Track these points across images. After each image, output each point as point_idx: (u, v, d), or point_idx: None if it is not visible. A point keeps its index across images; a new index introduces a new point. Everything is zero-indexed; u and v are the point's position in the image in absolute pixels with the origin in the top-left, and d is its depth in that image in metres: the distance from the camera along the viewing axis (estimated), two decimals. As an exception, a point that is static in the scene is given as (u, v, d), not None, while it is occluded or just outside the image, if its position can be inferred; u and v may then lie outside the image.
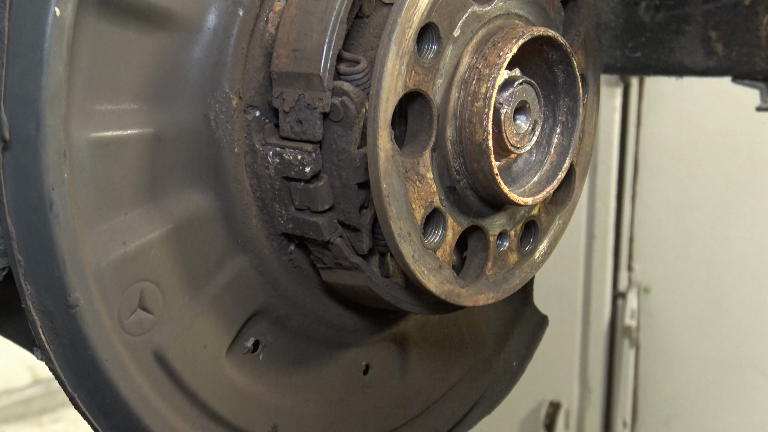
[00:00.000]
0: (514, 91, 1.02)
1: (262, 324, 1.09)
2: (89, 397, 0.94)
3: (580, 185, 1.18)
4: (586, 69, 1.14)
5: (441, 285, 1.03)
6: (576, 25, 1.13)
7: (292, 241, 1.06)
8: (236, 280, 1.03)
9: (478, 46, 1.01)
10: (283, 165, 0.99)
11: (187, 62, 0.97)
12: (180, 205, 0.98)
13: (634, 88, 3.57)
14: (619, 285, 3.72)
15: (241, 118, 0.99)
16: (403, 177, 0.97)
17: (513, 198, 1.03)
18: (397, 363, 1.27)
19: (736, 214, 3.42)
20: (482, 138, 0.99)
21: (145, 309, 0.96)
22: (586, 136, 1.16)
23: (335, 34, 0.96)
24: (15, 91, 0.85)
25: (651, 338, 3.68)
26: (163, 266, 0.97)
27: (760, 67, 1.63)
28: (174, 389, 1.00)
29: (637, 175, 3.64)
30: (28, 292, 0.89)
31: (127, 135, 0.94)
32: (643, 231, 3.66)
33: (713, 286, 3.50)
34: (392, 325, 1.24)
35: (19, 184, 0.86)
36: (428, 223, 1.02)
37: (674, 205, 3.55)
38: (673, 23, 1.67)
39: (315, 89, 0.96)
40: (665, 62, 1.70)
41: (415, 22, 0.94)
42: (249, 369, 1.09)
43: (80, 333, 0.90)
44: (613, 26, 1.71)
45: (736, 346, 3.48)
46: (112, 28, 0.91)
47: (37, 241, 0.87)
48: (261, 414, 1.10)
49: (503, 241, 1.11)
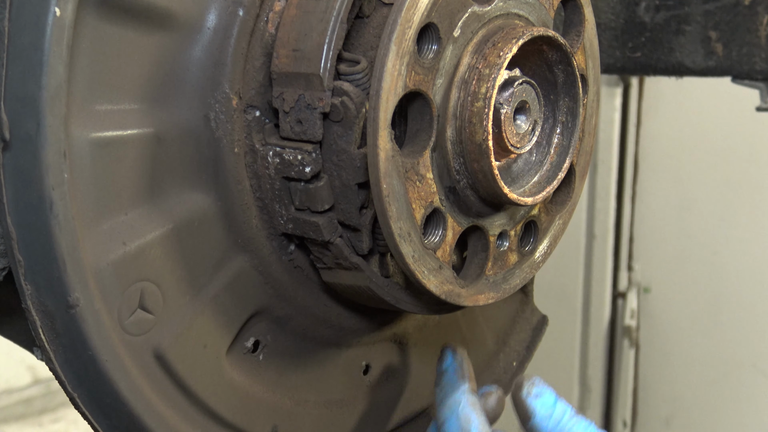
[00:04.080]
0: (514, 91, 1.02)
1: (262, 324, 1.09)
2: (89, 397, 0.94)
3: (580, 185, 1.18)
4: (586, 69, 1.14)
5: (441, 285, 1.03)
6: (576, 25, 1.13)
7: (292, 241, 1.06)
8: (236, 280, 1.03)
9: (478, 46, 1.01)
10: (283, 165, 0.99)
11: (187, 62, 0.97)
12: (180, 205, 0.98)
13: (634, 88, 3.57)
14: (619, 285, 3.72)
15: (241, 118, 0.99)
16: (403, 177, 0.97)
17: (513, 198, 1.03)
18: (397, 363, 1.27)
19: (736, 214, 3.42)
20: (482, 138, 0.99)
21: (145, 309, 0.96)
22: (586, 136, 1.16)
23: (335, 34, 0.96)
24: (15, 91, 0.85)
25: (651, 338, 3.68)
26: (163, 266, 0.97)
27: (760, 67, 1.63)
28: (174, 389, 1.00)
29: (637, 175, 3.64)
30: (28, 292, 0.89)
31: (128, 135, 0.94)
32: (643, 231, 3.66)
33: (713, 286, 3.50)
34: (392, 325, 1.24)
35: (19, 184, 0.86)
36: (428, 223, 1.02)
37: (674, 205, 3.55)
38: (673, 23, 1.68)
39: (315, 89, 0.96)
40: (665, 62, 1.70)
41: (415, 22, 0.94)
42: (249, 369, 1.09)
43: (80, 333, 0.90)
44: (613, 26, 1.72)
45: (736, 346, 3.48)
46: (112, 28, 0.91)
47: (37, 241, 0.87)
48: (261, 414, 1.10)
49: (503, 241, 1.11)
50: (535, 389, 1.09)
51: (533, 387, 1.09)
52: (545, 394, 1.09)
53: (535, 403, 1.08)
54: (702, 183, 3.46)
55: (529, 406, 1.08)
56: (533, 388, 1.09)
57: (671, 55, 1.68)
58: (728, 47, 1.64)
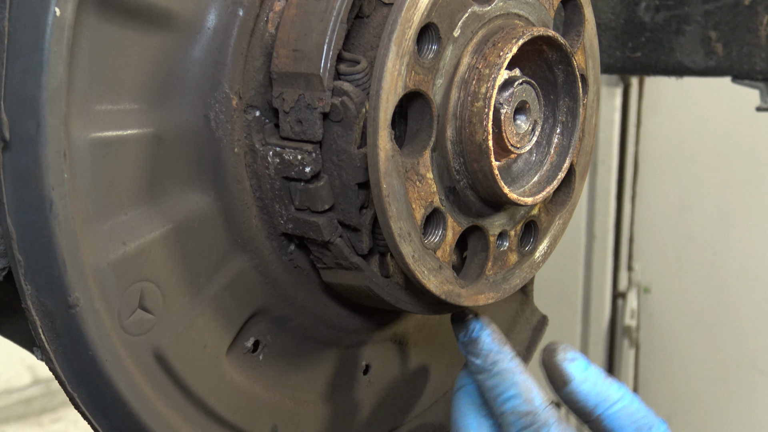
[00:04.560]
0: (514, 91, 1.02)
1: (262, 324, 1.09)
2: (89, 397, 0.94)
3: (580, 185, 1.18)
4: (586, 69, 1.14)
5: (441, 285, 1.03)
6: (576, 25, 1.13)
7: (292, 241, 1.06)
8: (236, 280, 1.03)
9: (478, 46, 1.01)
10: (283, 165, 0.99)
11: (187, 62, 0.97)
12: (180, 205, 0.98)
13: (634, 88, 3.57)
14: (619, 285, 3.73)
15: (241, 118, 0.99)
16: (403, 177, 0.97)
17: (513, 198, 1.03)
18: (397, 363, 1.27)
19: (736, 214, 3.42)
20: (482, 138, 0.99)
21: (145, 309, 0.96)
22: (586, 136, 1.16)
23: (335, 34, 0.96)
24: (15, 91, 0.85)
25: (651, 338, 3.68)
26: (163, 266, 0.97)
27: (760, 67, 1.64)
28: (174, 389, 1.00)
29: (637, 175, 3.64)
30: (28, 292, 0.89)
31: (127, 135, 0.94)
32: (643, 231, 3.67)
33: (713, 286, 3.50)
34: (392, 325, 1.24)
35: (19, 184, 0.86)
36: (428, 223, 1.02)
37: (674, 205, 3.56)
38: (673, 23, 1.68)
39: (315, 89, 0.96)
40: (665, 62, 1.70)
41: (415, 22, 0.94)
42: (249, 369, 1.09)
43: (80, 333, 0.90)
44: (613, 26, 1.72)
45: (736, 346, 3.48)
46: (112, 28, 0.91)
47: (37, 241, 0.87)
48: (261, 414, 1.10)
49: (503, 241, 1.11)
50: (569, 353, 1.06)
51: (568, 351, 1.06)
52: (579, 358, 1.06)
53: (571, 367, 1.05)
54: (702, 183, 3.47)
55: (566, 371, 1.05)
56: (568, 352, 1.06)
57: (671, 55, 1.68)
58: (728, 47, 1.64)
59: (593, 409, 1.05)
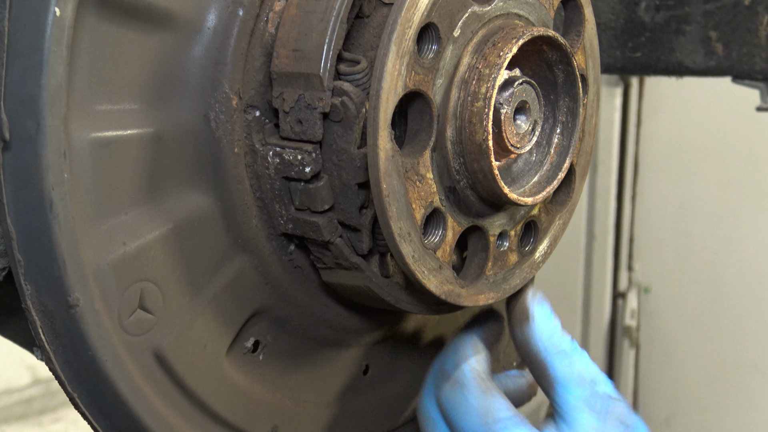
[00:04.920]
0: (514, 91, 1.02)
1: (262, 324, 1.09)
2: (89, 397, 0.94)
3: (580, 185, 1.18)
4: (586, 69, 1.14)
5: (441, 285, 1.03)
6: (576, 25, 1.13)
7: (292, 241, 1.06)
8: (236, 280, 1.03)
9: (478, 46, 1.01)
10: (283, 165, 0.99)
11: (187, 62, 0.97)
12: (180, 205, 0.98)
13: (634, 88, 3.57)
14: (619, 285, 3.73)
15: (241, 118, 0.99)
16: (403, 177, 0.97)
17: (513, 198, 1.03)
18: (398, 363, 1.27)
19: (736, 214, 3.42)
20: (482, 138, 0.99)
21: (145, 309, 0.96)
22: (586, 136, 1.16)
23: (335, 34, 0.96)
24: (15, 91, 0.85)
25: (651, 338, 3.69)
26: (163, 266, 0.97)
27: (760, 67, 1.64)
28: (174, 389, 1.00)
29: (637, 175, 3.64)
30: (28, 292, 0.89)
31: (127, 135, 0.94)
32: (643, 231, 3.67)
33: (713, 286, 3.50)
34: (392, 325, 1.24)
35: (19, 184, 0.86)
36: (428, 223, 1.02)
37: (674, 205, 3.56)
38: (673, 23, 1.68)
39: (315, 89, 0.96)
40: (665, 62, 1.70)
41: (415, 22, 0.94)
42: (249, 369, 1.09)
43: (80, 333, 0.90)
44: (613, 26, 1.72)
45: (736, 346, 3.48)
46: (112, 28, 0.91)
47: (37, 241, 0.87)
48: (261, 414, 1.10)
49: (503, 241, 1.11)
50: (538, 296, 1.06)
51: (537, 294, 1.06)
52: (545, 305, 1.06)
53: (536, 309, 1.05)
54: (702, 183, 3.47)
55: (529, 310, 1.05)
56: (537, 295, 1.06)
57: (671, 55, 1.68)
58: (728, 47, 1.64)
59: (542, 354, 1.06)
